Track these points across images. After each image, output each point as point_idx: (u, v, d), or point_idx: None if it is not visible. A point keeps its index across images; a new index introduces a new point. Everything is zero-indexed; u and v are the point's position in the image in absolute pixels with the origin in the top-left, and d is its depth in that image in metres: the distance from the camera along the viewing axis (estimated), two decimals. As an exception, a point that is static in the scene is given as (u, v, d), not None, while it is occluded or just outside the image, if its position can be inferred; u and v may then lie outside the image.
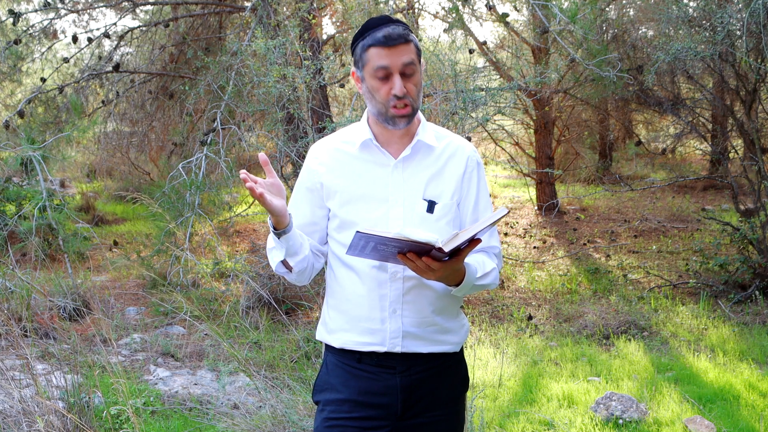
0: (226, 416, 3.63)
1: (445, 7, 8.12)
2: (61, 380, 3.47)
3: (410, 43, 1.83)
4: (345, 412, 1.88)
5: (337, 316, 1.92)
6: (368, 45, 1.81)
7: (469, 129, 5.34)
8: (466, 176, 1.93)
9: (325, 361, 1.98)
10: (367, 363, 1.88)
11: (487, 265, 1.90)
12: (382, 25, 1.81)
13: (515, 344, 5.22)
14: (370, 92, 1.85)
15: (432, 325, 1.88)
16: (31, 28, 8.15)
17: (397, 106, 1.81)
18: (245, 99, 6.10)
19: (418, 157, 1.91)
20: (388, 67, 1.79)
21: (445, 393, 1.94)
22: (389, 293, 1.85)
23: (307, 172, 1.95)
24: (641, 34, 9.13)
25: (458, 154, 1.94)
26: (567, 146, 11.69)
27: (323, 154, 1.94)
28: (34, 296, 5.22)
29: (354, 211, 1.87)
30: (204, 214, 5.96)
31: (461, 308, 2.01)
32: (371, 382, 1.88)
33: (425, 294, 1.86)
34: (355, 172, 1.90)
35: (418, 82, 1.85)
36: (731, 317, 5.73)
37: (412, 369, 1.88)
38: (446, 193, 1.90)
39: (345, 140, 1.94)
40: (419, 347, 1.87)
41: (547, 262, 7.84)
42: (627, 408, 3.81)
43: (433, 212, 1.87)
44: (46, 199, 6.09)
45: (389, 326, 1.85)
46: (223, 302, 5.79)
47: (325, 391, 1.94)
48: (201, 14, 8.41)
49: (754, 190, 6.43)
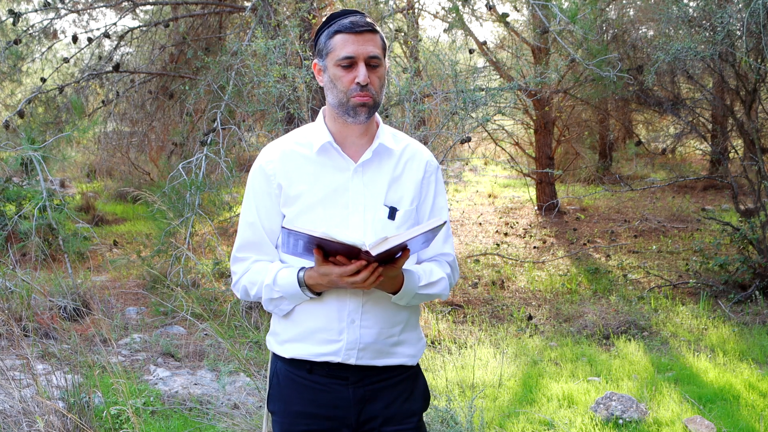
0: (226, 416, 3.63)
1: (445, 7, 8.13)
2: (61, 380, 3.47)
3: (377, 34, 1.78)
4: (303, 425, 1.83)
5: (291, 326, 1.83)
6: (334, 31, 1.75)
7: (469, 129, 5.33)
8: (424, 182, 1.87)
9: (275, 370, 1.90)
10: (318, 374, 1.82)
11: (434, 273, 1.83)
12: (349, 14, 1.77)
13: (515, 344, 5.22)
14: (332, 81, 1.77)
15: (390, 337, 1.82)
16: (31, 28, 8.15)
17: (359, 95, 1.74)
18: (245, 99, 6.10)
19: (378, 161, 1.83)
20: (353, 56, 1.73)
21: (403, 406, 1.87)
22: (348, 302, 1.78)
23: (261, 177, 1.83)
24: (641, 34, 9.13)
25: (417, 159, 1.88)
26: (567, 146, 11.69)
27: (277, 156, 1.83)
28: (34, 296, 5.22)
29: (311, 218, 1.78)
30: (204, 214, 5.96)
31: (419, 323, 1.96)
32: (323, 394, 1.82)
33: (384, 304, 1.80)
34: (313, 176, 1.80)
35: (381, 77, 1.79)
36: (731, 317, 5.73)
37: (365, 380, 1.82)
38: (406, 198, 1.84)
39: (300, 142, 1.84)
40: (374, 360, 1.81)
41: (547, 262, 7.84)
42: (627, 408, 3.81)
43: (394, 219, 1.81)
44: (46, 199, 6.09)
45: (347, 337, 1.78)
46: (224, 302, 5.80)
47: (279, 402, 1.87)
48: (201, 14, 8.41)
49: (754, 190, 6.43)
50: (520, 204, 11.37)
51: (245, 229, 1.86)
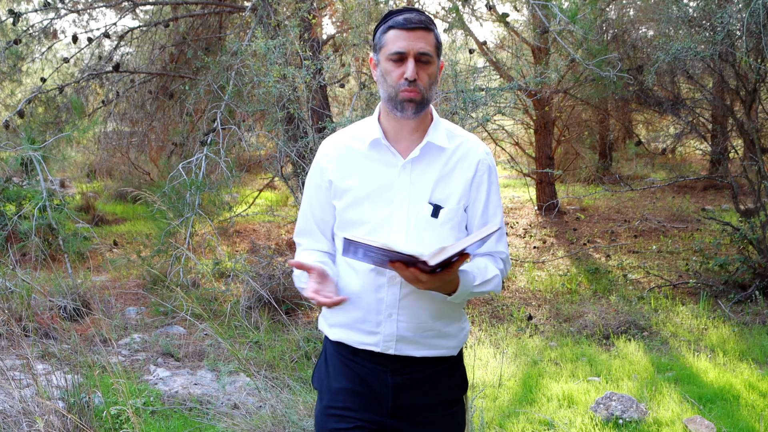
0: (226, 416, 3.63)
1: (445, 7, 8.12)
2: (62, 380, 3.47)
3: (431, 32, 1.80)
4: (341, 401, 1.88)
5: (337, 313, 1.90)
6: (388, 27, 1.79)
7: (469, 129, 5.34)
8: (475, 181, 1.87)
9: (325, 347, 1.99)
10: (361, 357, 1.88)
11: (489, 271, 1.85)
12: (405, 11, 1.80)
13: (515, 344, 5.22)
14: (383, 76, 1.81)
15: (429, 330, 1.85)
16: (31, 28, 8.15)
17: (407, 90, 1.77)
18: (245, 99, 6.10)
19: (427, 158, 1.86)
20: (404, 52, 1.76)
21: (442, 395, 1.91)
22: (386, 297, 1.82)
23: (317, 169, 1.92)
24: (641, 34, 9.13)
25: (469, 157, 1.88)
26: (567, 146, 11.69)
27: (332, 151, 1.90)
28: (34, 296, 5.22)
29: (358, 212, 1.84)
30: (204, 214, 5.96)
31: (463, 310, 1.97)
32: (365, 372, 1.88)
33: (422, 299, 1.82)
34: (363, 171, 1.85)
35: (432, 74, 1.81)
36: (731, 317, 5.73)
37: (404, 370, 1.86)
38: (453, 197, 1.85)
39: (355, 137, 1.90)
40: (412, 351, 1.85)
41: (547, 262, 7.84)
42: (627, 408, 3.81)
43: (437, 217, 1.82)
44: (46, 199, 6.09)
45: (384, 330, 1.83)
46: (224, 302, 5.80)
47: (323, 379, 1.95)
48: (201, 14, 8.41)
49: (754, 190, 6.43)
50: (520, 204, 11.37)
51: (300, 217, 1.99)
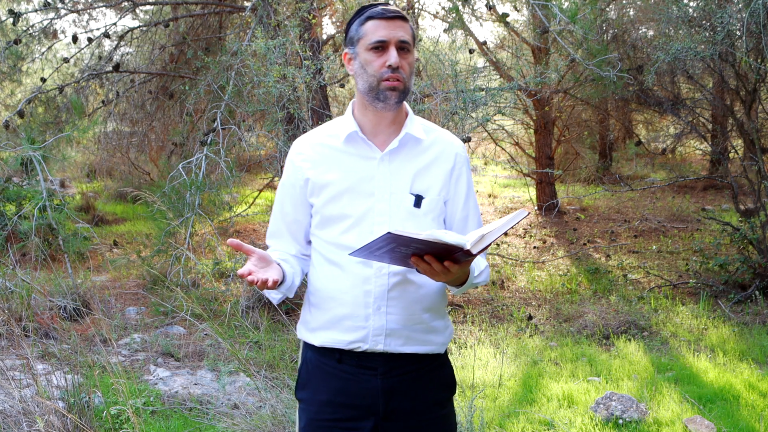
0: (226, 416, 3.63)
1: (445, 7, 8.13)
2: (62, 380, 3.47)
3: (407, 22, 1.82)
4: (329, 413, 1.85)
5: (319, 314, 1.87)
6: (366, 18, 1.80)
7: (469, 129, 5.34)
8: (454, 173, 1.89)
9: (305, 358, 1.94)
10: (347, 363, 1.84)
11: (480, 263, 1.88)
12: (380, 4, 1.82)
13: (515, 344, 5.22)
14: (362, 67, 1.80)
15: (418, 323, 1.84)
16: (31, 28, 8.15)
17: (390, 78, 1.77)
18: (245, 99, 6.10)
19: (405, 150, 1.86)
20: (385, 40, 1.77)
21: (431, 396, 1.89)
22: (374, 289, 1.80)
23: (290, 169, 1.90)
24: (641, 34, 9.13)
25: (447, 150, 1.90)
26: (567, 146, 11.69)
27: (307, 149, 1.89)
28: (34, 296, 5.22)
29: (338, 206, 1.82)
30: (204, 214, 5.96)
31: (445, 308, 1.98)
32: (351, 383, 1.84)
33: (410, 290, 1.82)
34: (341, 165, 1.84)
35: (411, 63, 1.82)
36: (731, 317, 5.73)
37: (393, 371, 1.84)
38: (434, 188, 1.86)
39: (329, 134, 1.89)
40: (401, 347, 1.83)
41: (547, 262, 7.84)
42: (627, 408, 3.81)
43: (420, 207, 1.83)
44: (46, 199, 6.09)
45: (372, 323, 1.80)
46: (224, 302, 5.80)
47: (307, 390, 1.91)
48: (201, 14, 8.41)
49: (754, 190, 6.43)
50: (520, 204, 11.36)
51: (271, 220, 1.98)
